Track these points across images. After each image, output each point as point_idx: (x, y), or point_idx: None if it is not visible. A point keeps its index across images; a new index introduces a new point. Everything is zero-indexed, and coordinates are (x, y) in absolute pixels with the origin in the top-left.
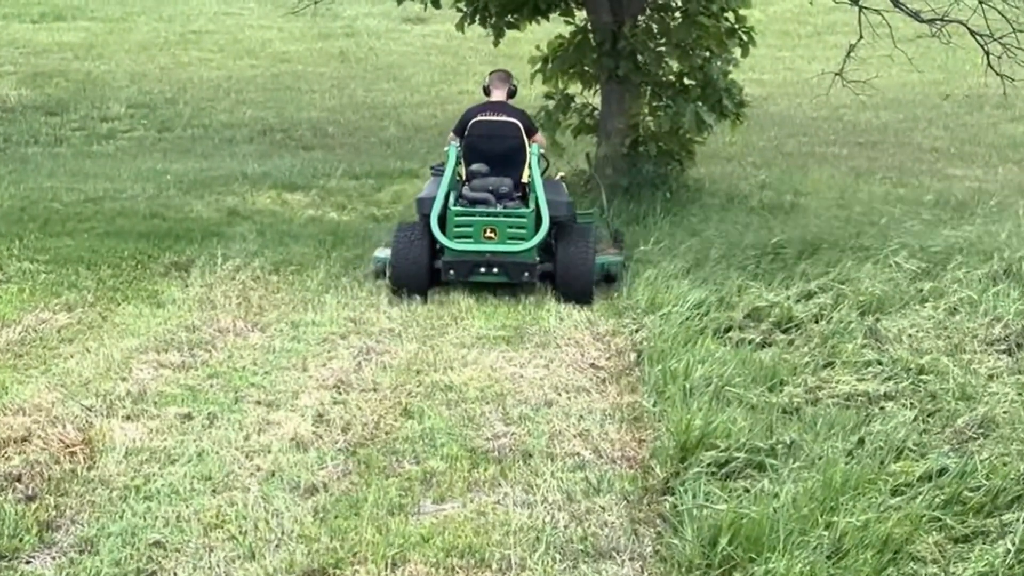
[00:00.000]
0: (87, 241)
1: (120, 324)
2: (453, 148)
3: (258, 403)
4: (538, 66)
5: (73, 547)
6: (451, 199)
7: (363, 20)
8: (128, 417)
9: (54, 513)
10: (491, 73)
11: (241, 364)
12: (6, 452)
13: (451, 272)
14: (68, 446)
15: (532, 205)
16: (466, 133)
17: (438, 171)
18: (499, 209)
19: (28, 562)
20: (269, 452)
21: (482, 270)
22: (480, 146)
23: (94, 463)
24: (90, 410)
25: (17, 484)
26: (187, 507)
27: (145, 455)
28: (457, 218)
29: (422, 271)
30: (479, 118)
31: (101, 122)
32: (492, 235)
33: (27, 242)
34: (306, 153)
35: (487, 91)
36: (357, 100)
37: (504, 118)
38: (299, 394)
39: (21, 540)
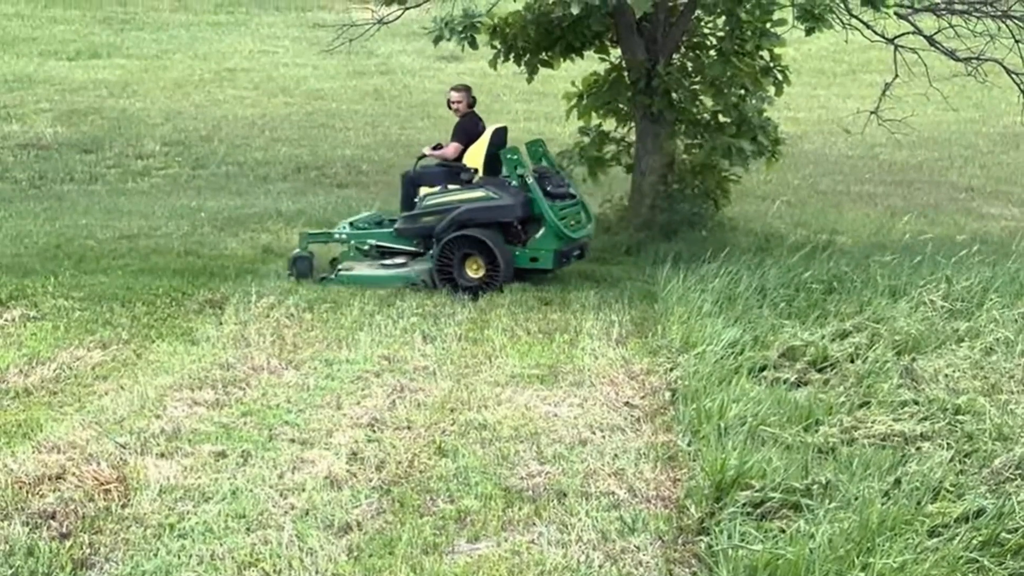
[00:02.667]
0: (121, 278)
1: (154, 361)
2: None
3: (292, 441)
4: (573, 102)
5: None
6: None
7: (397, 58)
8: (162, 455)
9: (88, 551)
10: (463, 89)
11: (275, 402)
12: (40, 489)
13: (563, 260)
14: (102, 483)
15: None
16: (489, 141)
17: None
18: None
19: None
20: (303, 490)
21: (575, 254)
22: (497, 151)
23: (128, 501)
24: (124, 447)
25: (51, 522)
26: (221, 545)
27: (179, 493)
28: (561, 211)
29: None
30: (496, 127)
31: (136, 159)
32: (575, 224)
33: (62, 279)
34: (340, 191)
35: (472, 104)
36: (391, 138)
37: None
38: (333, 432)
39: None
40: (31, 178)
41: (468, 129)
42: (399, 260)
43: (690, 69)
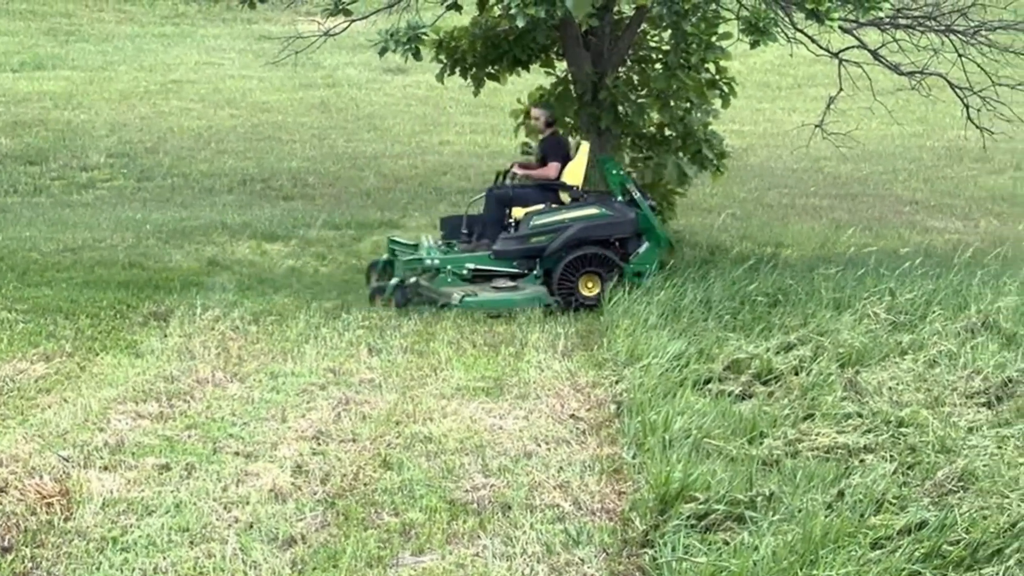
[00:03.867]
0: (66, 291)
1: (98, 374)
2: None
3: (236, 454)
4: (520, 119)
5: None
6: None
7: (344, 70)
8: (105, 468)
9: (30, 565)
10: (544, 107)
11: (220, 415)
12: None
13: None
14: (45, 497)
15: None
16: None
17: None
18: None
19: None
20: (247, 503)
21: None
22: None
23: (71, 514)
24: (67, 461)
25: None
26: (164, 559)
27: (122, 506)
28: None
29: None
30: (585, 143)
31: (81, 171)
32: None
33: (5, 292)
34: (286, 203)
35: (552, 122)
36: (337, 150)
37: None
38: (278, 445)
39: None
40: None
41: (562, 146)
42: (509, 283)
43: (636, 82)
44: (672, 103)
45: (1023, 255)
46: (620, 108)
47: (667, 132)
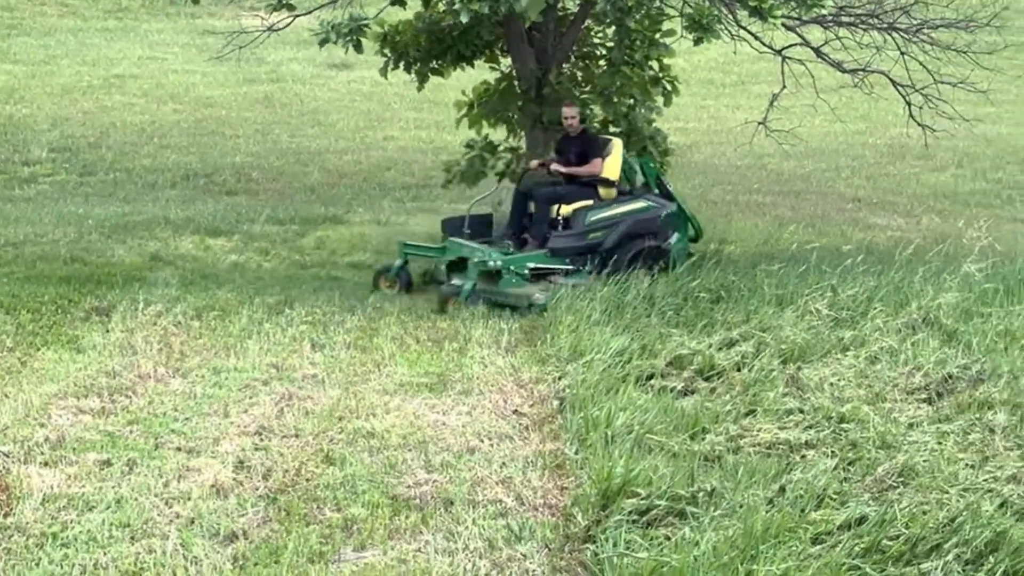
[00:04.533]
0: (6, 286)
1: (39, 369)
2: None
3: (178, 449)
4: (464, 112)
5: None
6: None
7: (288, 65)
8: (46, 463)
9: None
10: (576, 105)
11: (162, 410)
12: None
13: None
14: None
15: None
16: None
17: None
18: None
19: None
20: (189, 499)
21: None
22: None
23: (11, 510)
24: (7, 456)
25: None
26: (105, 555)
27: (63, 502)
28: None
29: None
30: (616, 140)
31: (22, 166)
32: None
33: None
34: (229, 198)
35: (584, 120)
36: (281, 145)
37: None
38: (220, 440)
39: None
40: None
41: (601, 144)
42: (562, 279)
43: (580, 78)
44: (616, 100)
45: (964, 252)
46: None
47: (611, 129)
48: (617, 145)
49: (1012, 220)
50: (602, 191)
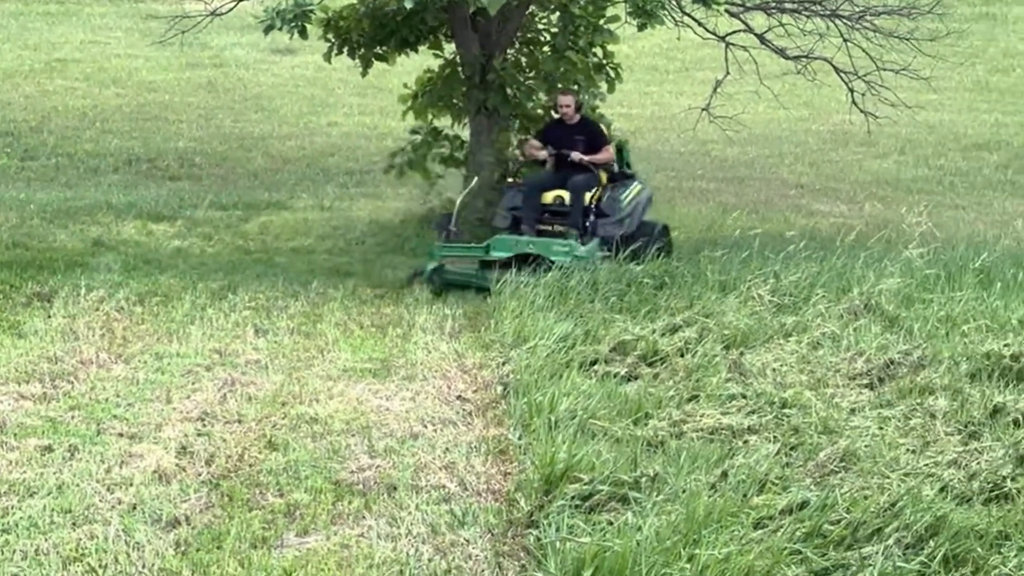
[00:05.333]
0: None
1: None
2: None
3: (120, 435)
4: (409, 103)
5: None
6: None
7: (231, 50)
8: None
9: None
10: (571, 93)
11: (104, 396)
12: None
13: None
14: None
15: None
16: None
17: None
18: None
19: None
20: (131, 485)
21: None
22: None
23: None
24: None
25: None
26: (46, 540)
27: (3, 488)
28: None
29: None
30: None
31: None
32: None
33: None
34: (172, 183)
35: (580, 107)
36: (225, 131)
37: None
38: (162, 426)
39: None
40: None
41: (604, 130)
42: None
43: (524, 64)
44: (560, 86)
45: (905, 238)
46: (508, 90)
47: (554, 115)
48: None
49: (953, 207)
50: (603, 176)
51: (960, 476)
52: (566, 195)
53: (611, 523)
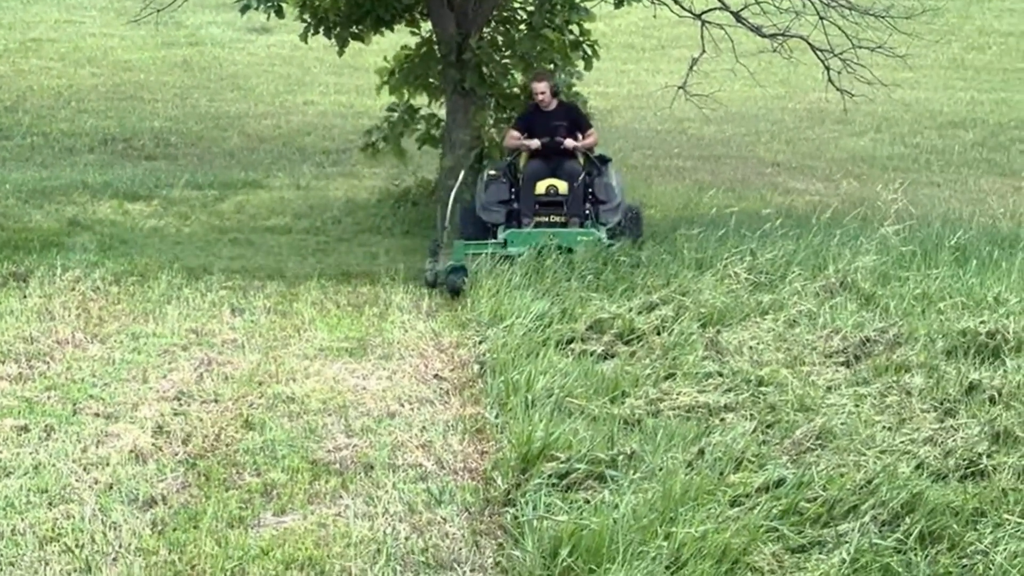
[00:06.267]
0: None
1: None
2: None
3: (97, 415)
4: (385, 79)
5: None
6: None
7: (207, 29)
8: None
9: None
10: (544, 78)
11: (80, 376)
12: None
13: None
14: None
15: None
16: None
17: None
18: None
19: None
20: (107, 464)
21: None
22: None
23: None
24: None
25: None
26: (22, 520)
27: None
28: None
29: None
30: None
31: None
32: None
33: None
34: (148, 163)
35: (557, 92)
36: (201, 110)
37: None
38: (139, 406)
39: None
40: None
41: (583, 112)
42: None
43: (500, 43)
44: (536, 64)
45: (881, 216)
46: (484, 69)
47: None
48: None
49: (929, 184)
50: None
51: (936, 453)
52: (559, 184)
53: (588, 501)
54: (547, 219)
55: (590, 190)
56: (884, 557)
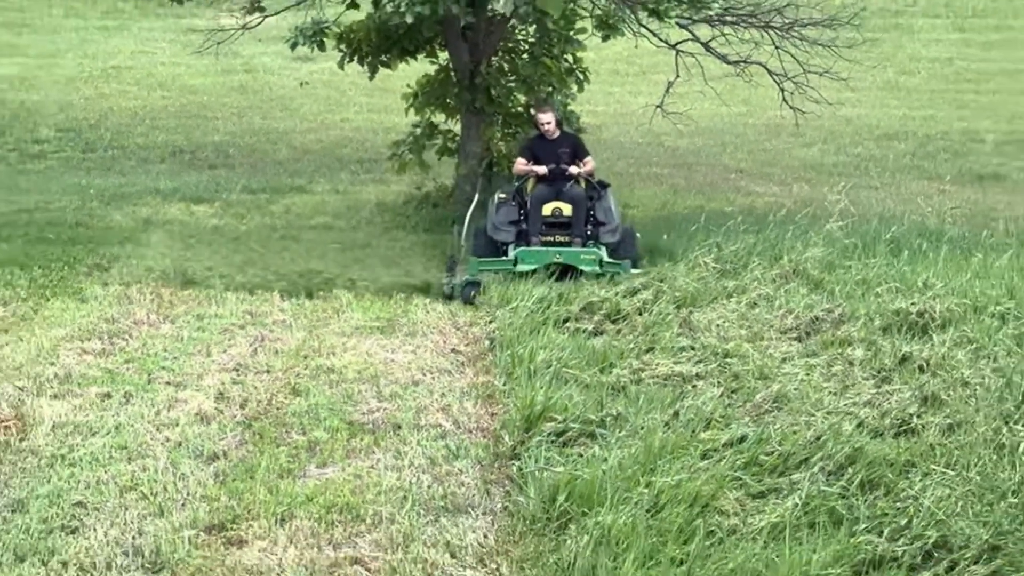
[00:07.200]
0: (21, 246)
1: (49, 317)
2: None
3: (168, 384)
4: (411, 101)
5: (6, 507)
6: None
7: (259, 58)
8: (55, 396)
9: None
10: (548, 109)
11: (153, 351)
12: None
13: None
14: (3, 421)
15: None
16: None
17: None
18: None
19: None
20: (177, 425)
21: None
22: None
23: (25, 436)
24: (22, 390)
25: None
26: (105, 473)
27: (69, 428)
28: None
29: None
30: None
31: (33, 144)
32: None
33: None
34: (210, 171)
35: (560, 122)
36: (254, 126)
37: None
38: (203, 376)
39: None
40: None
41: (582, 140)
42: None
43: (506, 69)
44: (536, 87)
45: (827, 214)
46: (493, 91)
47: (532, 111)
48: None
49: (868, 187)
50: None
51: (874, 414)
52: (564, 207)
53: (581, 455)
54: (553, 239)
55: (591, 212)
56: (830, 502)
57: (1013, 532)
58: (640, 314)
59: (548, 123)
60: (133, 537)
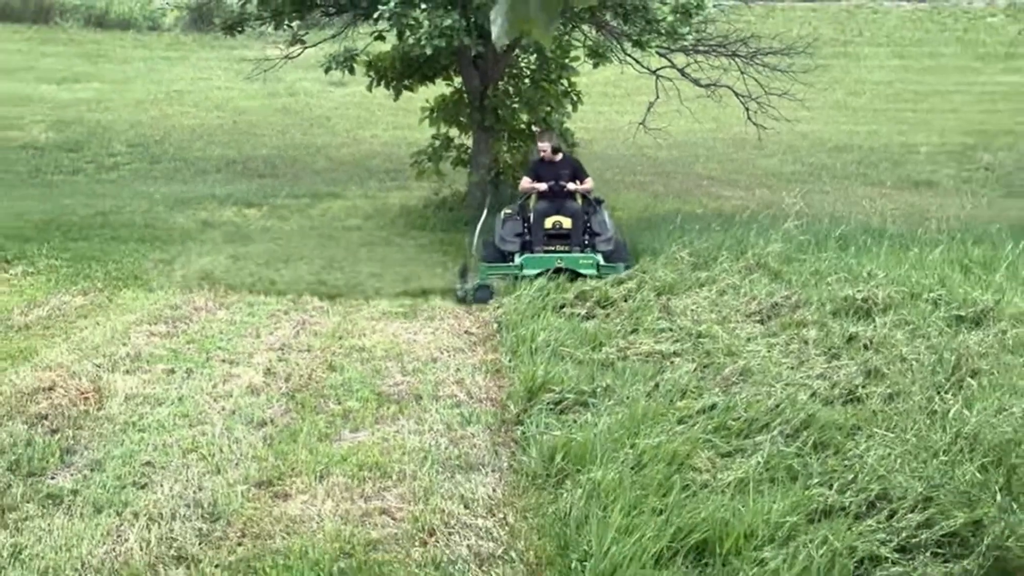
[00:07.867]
0: (97, 244)
1: (121, 304)
2: None
3: (223, 361)
4: (427, 116)
5: (86, 467)
6: None
7: (300, 83)
8: (127, 372)
9: (72, 442)
10: (546, 138)
11: (211, 333)
12: (36, 398)
13: None
14: (83, 393)
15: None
16: None
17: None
18: None
19: (52, 478)
20: (231, 396)
21: None
22: None
23: (102, 406)
24: (99, 367)
25: (44, 421)
26: (170, 437)
27: (139, 400)
28: None
29: None
30: None
31: (108, 157)
32: None
33: (53, 244)
34: (259, 180)
35: (558, 148)
36: (296, 141)
37: None
38: (253, 354)
39: (47, 462)
40: (29, 171)
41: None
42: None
43: (511, 92)
44: (537, 107)
45: (785, 215)
46: (499, 111)
47: (534, 128)
48: None
49: (820, 192)
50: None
51: (825, 385)
52: (564, 220)
53: (575, 421)
54: (554, 248)
55: (588, 225)
56: (788, 460)
57: (944, 485)
58: (626, 301)
59: (544, 150)
60: (194, 492)
